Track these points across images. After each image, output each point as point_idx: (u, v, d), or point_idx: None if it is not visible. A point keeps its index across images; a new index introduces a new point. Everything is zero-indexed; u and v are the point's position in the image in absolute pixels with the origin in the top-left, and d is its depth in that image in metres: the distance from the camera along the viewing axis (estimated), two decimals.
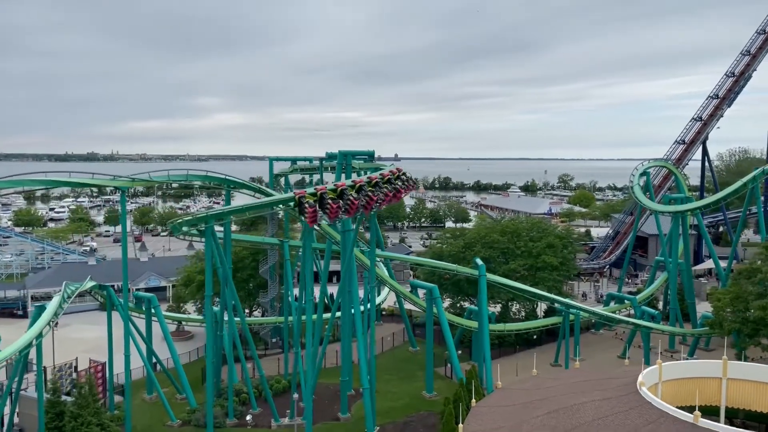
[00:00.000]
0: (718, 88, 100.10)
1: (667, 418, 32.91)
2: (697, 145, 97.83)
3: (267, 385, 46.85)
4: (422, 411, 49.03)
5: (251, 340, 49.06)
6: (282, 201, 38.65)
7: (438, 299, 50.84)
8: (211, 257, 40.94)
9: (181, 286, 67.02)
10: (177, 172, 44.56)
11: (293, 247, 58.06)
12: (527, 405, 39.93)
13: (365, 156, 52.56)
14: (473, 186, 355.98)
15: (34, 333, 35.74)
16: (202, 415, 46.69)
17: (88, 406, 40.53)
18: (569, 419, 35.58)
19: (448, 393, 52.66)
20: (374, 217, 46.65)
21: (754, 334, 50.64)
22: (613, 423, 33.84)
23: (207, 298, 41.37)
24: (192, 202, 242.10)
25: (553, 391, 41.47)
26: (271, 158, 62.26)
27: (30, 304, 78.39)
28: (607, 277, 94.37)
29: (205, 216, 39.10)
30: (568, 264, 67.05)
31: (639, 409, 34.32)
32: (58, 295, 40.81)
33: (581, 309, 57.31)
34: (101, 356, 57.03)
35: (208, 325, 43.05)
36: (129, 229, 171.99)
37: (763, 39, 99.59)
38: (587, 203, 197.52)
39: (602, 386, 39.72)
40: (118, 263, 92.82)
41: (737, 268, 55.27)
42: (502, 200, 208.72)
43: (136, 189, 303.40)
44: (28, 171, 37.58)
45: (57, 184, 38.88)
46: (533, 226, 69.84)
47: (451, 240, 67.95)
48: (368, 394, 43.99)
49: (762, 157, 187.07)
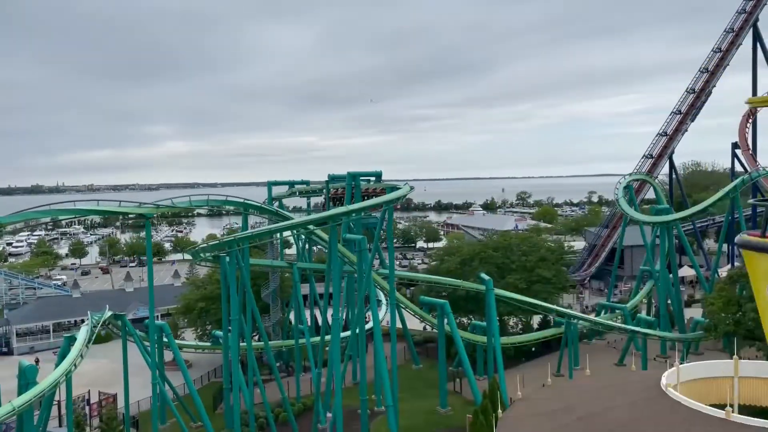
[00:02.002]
0: (680, 104, 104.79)
1: (699, 416, 34.48)
2: (665, 159, 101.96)
3: (290, 407, 46.94)
4: (441, 427, 49.83)
5: (274, 364, 49.17)
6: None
7: (450, 315, 51.83)
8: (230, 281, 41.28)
9: (179, 315, 66.39)
10: (197, 198, 44.83)
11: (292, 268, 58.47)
12: (554, 412, 41.09)
13: (373, 176, 53.61)
14: (435, 206, 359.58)
15: (68, 364, 35.27)
16: None
17: None
18: (602, 423, 36.84)
19: (461, 408, 53.81)
20: (391, 238, 47.63)
21: (749, 336, 53.19)
22: (647, 423, 35.25)
23: (234, 321, 41.50)
24: (154, 232, 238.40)
25: (576, 399, 42.76)
26: (270, 182, 62.82)
27: (14, 341, 76.36)
28: (589, 288, 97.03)
29: (233, 240, 39.41)
30: (560, 276, 69.07)
31: (670, 410, 35.90)
32: (86, 326, 40.31)
33: (584, 319, 59.14)
34: (103, 388, 56.23)
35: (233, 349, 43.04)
36: (94, 260, 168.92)
37: (719, 57, 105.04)
38: (550, 219, 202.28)
39: (623, 391, 41.18)
40: (101, 294, 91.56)
41: (729, 273, 57.96)
42: (467, 219, 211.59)
43: (93, 220, 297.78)
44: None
45: (86, 212, 38.72)
46: (523, 241, 71.76)
47: (447, 257, 69.25)
48: (392, 412, 44.68)
49: (714, 170, 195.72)
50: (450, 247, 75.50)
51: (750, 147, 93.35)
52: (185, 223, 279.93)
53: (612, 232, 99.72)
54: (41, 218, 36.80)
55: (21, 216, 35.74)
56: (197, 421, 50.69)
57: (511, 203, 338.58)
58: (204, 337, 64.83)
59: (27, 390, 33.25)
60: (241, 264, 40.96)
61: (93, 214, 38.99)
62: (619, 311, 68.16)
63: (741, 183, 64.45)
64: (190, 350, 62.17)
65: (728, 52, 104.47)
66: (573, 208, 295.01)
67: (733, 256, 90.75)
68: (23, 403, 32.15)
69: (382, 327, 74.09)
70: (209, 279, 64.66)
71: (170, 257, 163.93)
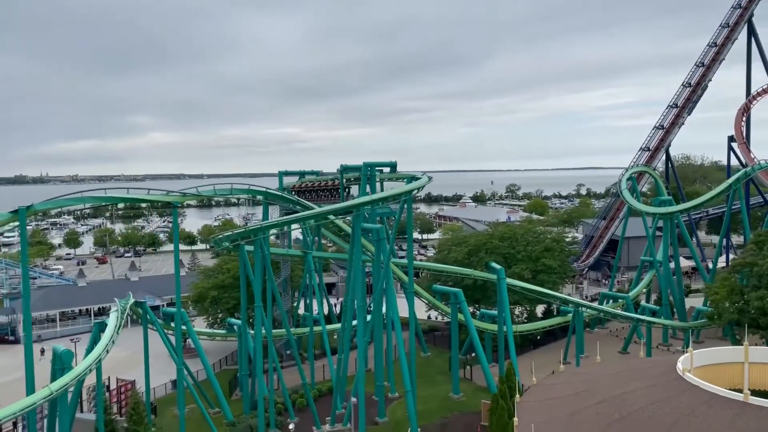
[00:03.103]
0: (677, 97, 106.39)
1: (718, 399, 35.75)
2: (662, 151, 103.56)
3: (309, 392, 47.69)
4: (455, 412, 50.82)
5: (296, 351, 49.92)
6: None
7: (463, 303, 52.73)
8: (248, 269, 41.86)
9: (193, 303, 66.83)
10: (221, 187, 45.32)
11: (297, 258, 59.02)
12: (573, 397, 42.23)
13: (388, 167, 54.25)
14: (425, 198, 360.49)
15: (101, 349, 35.72)
16: (243, 426, 47.17)
17: (142, 422, 40.73)
18: (623, 406, 37.97)
19: (473, 394, 54.88)
20: (410, 228, 48.40)
21: (753, 324, 54.65)
22: (668, 406, 36.45)
23: (258, 308, 42.15)
24: (145, 223, 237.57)
25: (593, 384, 43.91)
26: (281, 172, 63.29)
27: (21, 329, 76.32)
28: (587, 279, 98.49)
29: (260, 227, 39.98)
30: (565, 266, 70.25)
31: (689, 393, 37.07)
32: (114, 312, 40.73)
33: (595, 308, 60.35)
34: (119, 375, 56.64)
35: (257, 335, 43.64)
36: (88, 251, 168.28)
37: (714, 51, 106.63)
38: (542, 211, 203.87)
39: (639, 376, 42.38)
40: (106, 284, 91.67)
41: (733, 263, 59.32)
42: (459, 211, 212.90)
43: (84, 211, 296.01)
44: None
45: (117, 200, 39.07)
46: (528, 232, 72.82)
47: (454, 248, 70.13)
48: (411, 397, 45.59)
49: (702, 164, 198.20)
50: (456, 238, 76.34)
51: (745, 140, 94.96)
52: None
53: (610, 223, 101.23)
54: (72, 205, 37.14)
55: (53, 203, 36.13)
56: (215, 406, 51.31)
57: (501, 196, 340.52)
58: (215, 325, 65.31)
59: (62, 374, 33.68)
60: (265, 252, 41.54)
61: (123, 201, 39.31)
62: (622, 300, 69.46)
63: (743, 175, 65.82)
64: (205, 337, 62.64)
65: (724, 46, 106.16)
66: (562, 200, 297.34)
67: (728, 246, 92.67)
68: (60, 386, 32.66)
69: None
70: (220, 268, 65.07)
71: (165, 248, 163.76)
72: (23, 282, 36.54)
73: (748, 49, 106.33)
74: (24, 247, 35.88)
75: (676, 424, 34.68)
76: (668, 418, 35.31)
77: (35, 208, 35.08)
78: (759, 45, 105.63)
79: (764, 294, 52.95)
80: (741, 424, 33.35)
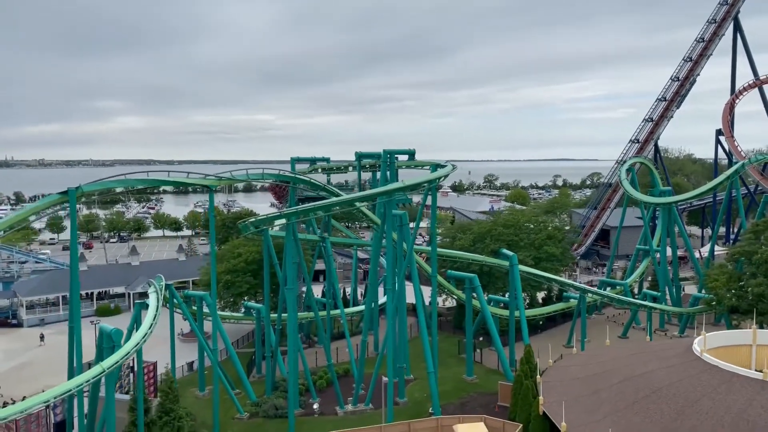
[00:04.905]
0: (665, 91, 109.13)
1: (738, 378, 37.88)
2: (651, 143, 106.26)
3: (334, 373, 48.89)
4: (471, 393, 52.54)
5: (322, 333, 51.00)
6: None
7: (478, 288, 54.22)
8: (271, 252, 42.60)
9: (205, 287, 67.27)
10: (253, 171, 46.16)
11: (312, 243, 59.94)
12: (593, 377, 44.12)
13: (407, 154, 55.40)
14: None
15: (147, 328, 36.42)
16: (268, 406, 48.21)
17: (177, 401, 41.54)
18: (645, 384, 39.94)
19: (484, 376, 56.63)
20: (435, 214, 49.64)
21: (751, 310, 57.19)
22: (689, 385, 38.46)
23: (290, 291, 43.06)
24: (125, 209, 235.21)
25: (611, 365, 45.87)
26: (293, 158, 64.07)
27: (23, 313, 76.11)
28: (578, 267, 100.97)
29: (294, 212, 40.89)
30: (566, 254, 72.29)
31: (708, 372, 39.18)
32: (153, 292, 41.35)
33: (597, 293, 62.43)
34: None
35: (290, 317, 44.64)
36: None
37: (702, 47, 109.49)
38: (523, 201, 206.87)
39: (657, 357, 44.41)
40: (108, 269, 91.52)
41: (731, 251, 61.82)
42: (442, 200, 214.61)
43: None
44: None
45: (159, 183, 39.71)
46: (530, 219, 74.69)
47: (460, 235, 71.63)
48: (433, 378, 47.09)
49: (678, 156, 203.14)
50: (462, 225, 77.87)
51: (732, 134, 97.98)
52: (153, 200, 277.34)
53: (601, 213, 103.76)
54: (117, 187, 37.68)
55: (100, 184, 36.65)
56: (235, 387, 52.16)
57: (479, 186, 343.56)
58: (226, 308, 65.93)
59: (111, 353, 34.36)
60: (297, 237, 42.49)
61: (165, 184, 39.92)
62: (619, 287, 71.79)
63: (741, 167, 68.38)
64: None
65: (711, 42, 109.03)
66: (539, 191, 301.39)
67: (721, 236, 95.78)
68: (112, 364, 33.40)
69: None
70: (231, 253, 65.62)
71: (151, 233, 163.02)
72: (72, 265, 37.01)
73: (734, 44, 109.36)
74: (73, 228, 36.37)
75: (699, 402, 36.74)
76: (691, 396, 37.36)
77: (83, 189, 35.59)
78: (744, 41, 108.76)
79: (763, 281, 55.48)
80: (762, 401, 35.51)
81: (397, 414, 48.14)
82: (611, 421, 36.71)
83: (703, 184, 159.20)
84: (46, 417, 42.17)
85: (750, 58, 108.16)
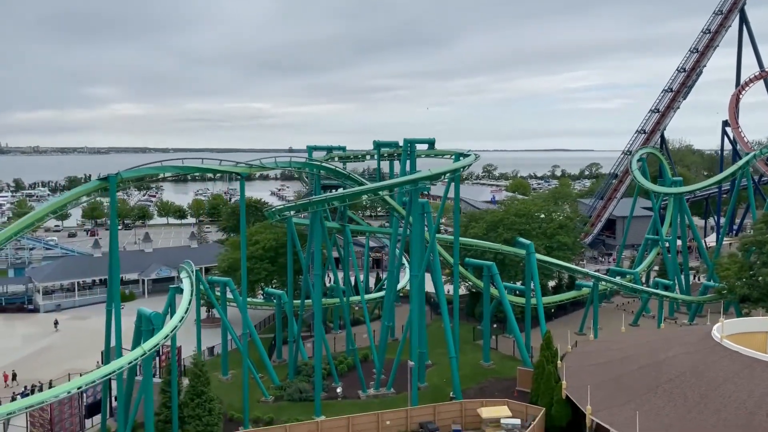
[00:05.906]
0: (672, 82, 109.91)
1: (759, 363, 38.87)
2: (657, 134, 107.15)
3: (358, 358, 49.77)
4: (489, 378, 53.56)
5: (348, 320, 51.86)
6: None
7: (496, 276, 55.06)
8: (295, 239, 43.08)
9: (223, 273, 68.01)
10: (281, 159, 46.96)
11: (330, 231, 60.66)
12: (614, 362, 45.07)
13: (427, 143, 56.07)
14: None
15: (183, 311, 37.19)
16: (294, 390, 49.11)
17: (208, 383, 42.36)
18: (668, 370, 40.92)
19: (500, 362, 57.62)
20: (458, 203, 50.37)
21: (762, 299, 58.32)
22: (712, 370, 39.46)
23: (318, 277, 43.87)
24: (126, 196, 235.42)
25: (631, 351, 46.86)
26: (310, 147, 64.67)
27: (39, 298, 76.72)
28: (585, 257, 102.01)
29: (321, 200, 41.61)
30: (577, 243, 73.21)
31: (729, 358, 40.19)
32: (186, 277, 42.07)
33: (612, 282, 63.40)
34: None
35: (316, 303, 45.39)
36: (75, 223, 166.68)
37: (708, 38, 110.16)
38: (524, 191, 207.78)
39: (676, 343, 45.34)
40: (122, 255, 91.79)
41: (743, 241, 62.83)
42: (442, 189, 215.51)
43: (57, 183, 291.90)
44: None
45: (194, 170, 40.37)
46: (541, 209, 75.53)
47: (473, 224, 72.42)
48: (455, 363, 48.02)
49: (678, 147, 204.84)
50: (474, 214, 78.67)
51: (739, 125, 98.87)
52: (153, 187, 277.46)
53: (607, 203, 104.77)
54: (155, 173, 38.37)
55: (137, 171, 37.35)
56: (258, 372, 52.97)
57: (478, 176, 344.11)
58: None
59: (151, 335, 35.12)
60: (324, 223, 43.24)
61: (199, 171, 40.58)
62: (629, 276, 72.82)
63: (753, 158, 69.31)
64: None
65: (717, 33, 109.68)
66: (539, 181, 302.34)
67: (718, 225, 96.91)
68: (153, 346, 34.22)
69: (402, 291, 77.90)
70: (248, 240, 66.18)
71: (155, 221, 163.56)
72: (111, 250, 37.72)
73: (740, 35, 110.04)
74: (113, 215, 37.09)
75: (722, 387, 37.77)
76: (713, 381, 38.38)
77: (122, 176, 36.29)
78: (750, 32, 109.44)
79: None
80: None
81: (419, 398, 49.17)
82: (635, 405, 37.70)
83: (703, 174, 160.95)
84: (78, 399, 42.92)
85: (756, 50, 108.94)
